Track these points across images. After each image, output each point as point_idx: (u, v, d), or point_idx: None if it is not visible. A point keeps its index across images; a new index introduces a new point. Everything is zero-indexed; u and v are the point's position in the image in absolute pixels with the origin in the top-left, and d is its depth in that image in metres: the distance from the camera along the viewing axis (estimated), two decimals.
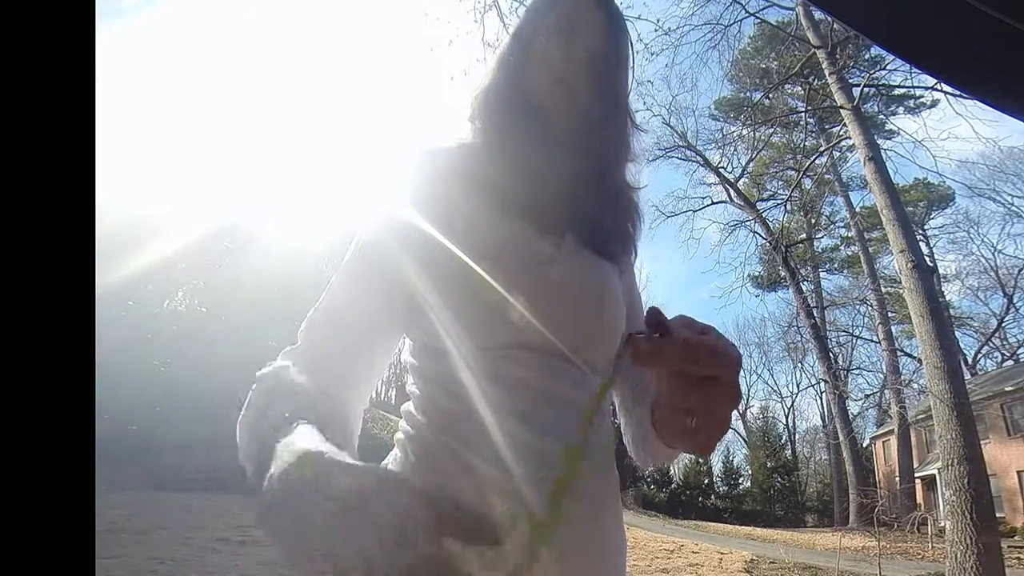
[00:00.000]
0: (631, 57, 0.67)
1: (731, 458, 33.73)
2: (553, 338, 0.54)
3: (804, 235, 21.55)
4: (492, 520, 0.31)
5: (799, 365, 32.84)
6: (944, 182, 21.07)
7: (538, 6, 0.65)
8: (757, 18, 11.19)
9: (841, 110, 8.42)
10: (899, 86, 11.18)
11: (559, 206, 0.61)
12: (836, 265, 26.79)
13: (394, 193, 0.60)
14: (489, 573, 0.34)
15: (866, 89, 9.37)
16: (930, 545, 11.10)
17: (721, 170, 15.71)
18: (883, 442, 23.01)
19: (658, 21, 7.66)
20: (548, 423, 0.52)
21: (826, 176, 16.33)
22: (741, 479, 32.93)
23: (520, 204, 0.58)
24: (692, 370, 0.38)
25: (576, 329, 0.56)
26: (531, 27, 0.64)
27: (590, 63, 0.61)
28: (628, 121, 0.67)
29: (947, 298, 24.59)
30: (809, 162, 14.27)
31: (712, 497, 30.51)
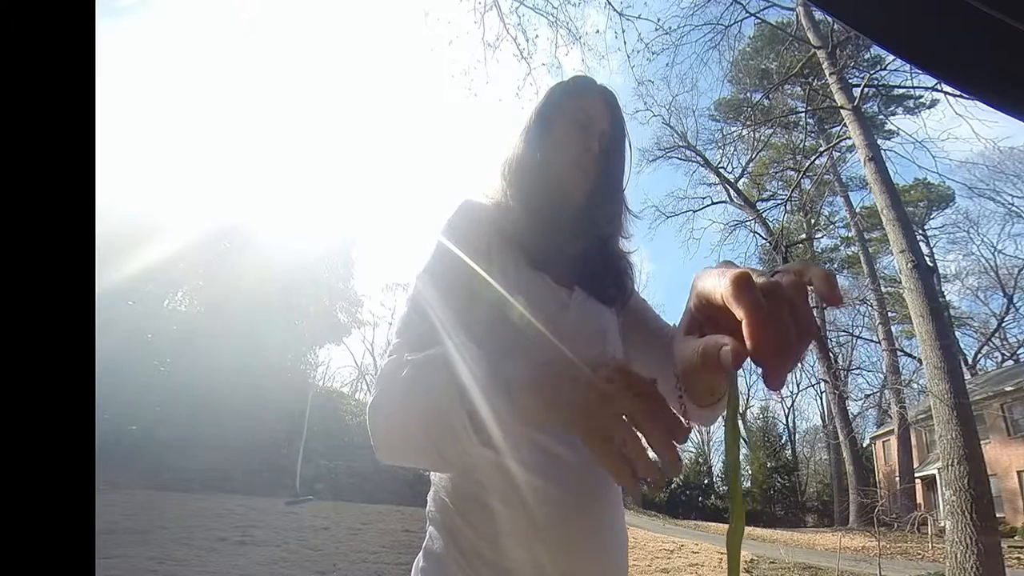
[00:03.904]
0: (628, 150, 0.82)
1: None
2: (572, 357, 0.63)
3: (804, 235, 21.57)
4: None
5: (799, 365, 32.75)
6: (944, 182, 21.04)
7: (558, 97, 0.79)
8: (757, 18, 11.19)
9: (841, 110, 8.41)
10: (899, 86, 11.18)
11: (570, 263, 0.74)
12: (836, 265, 26.74)
13: (440, 236, 0.70)
14: None
15: (866, 89, 9.37)
16: (930, 545, 11.10)
17: (721, 170, 15.73)
18: (883, 442, 23.00)
19: (658, 21, 7.65)
20: (560, 434, 0.61)
21: (826, 176, 16.33)
22: (741, 479, 32.81)
23: (541, 259, 0.71)
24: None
25: (584, 361, 0.64)
26: (552, 114, 0.78)
27: (600, 153, 0.77)
28: (624, 203, 0.82)
29: (947, 298, 24.55)
30: (809, 162, 14.26)
31: (712, 497, 30.48)
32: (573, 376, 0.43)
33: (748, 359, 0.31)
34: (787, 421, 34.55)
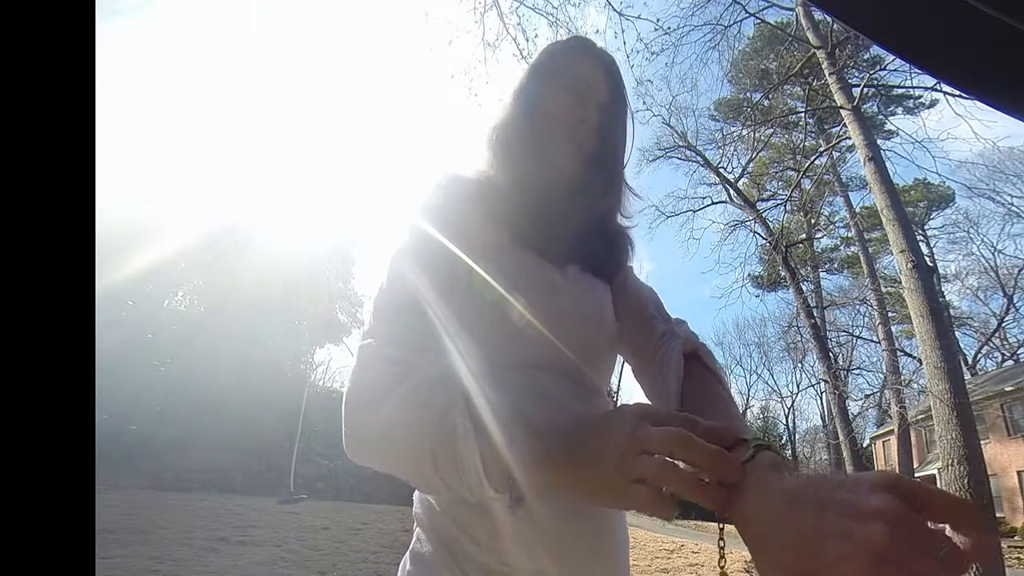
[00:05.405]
0: (630, 122, 0.75)
1: None
2: (567, 353, 0.61)
3: (804, 235, 21.54)
4: None
5: (799, 365, 32.81)
6: (944, 182, 21.04)
7: (556, 61, 0.72)
8: (757, 18, 11.19)
9: (841, 110, 8.41)
10: (899, 86, 11.18)
11: (564, 241, 0.69)
12: (836, 265, 26.72)
13: (420, 214, 0.64)
14: None
15: (866, 89, 9.36)
16: None
17: (721, 170, 15.71)
18: (883, 442, 23.02)
19: (658, 21, 7.64)
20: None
21: (826, 176, 16.32)
22: None
23: (531, 237, 0.66)
24: None
25: (580, 348, 0.63)
26: (548, 78, 0.71)
27: (598, 126, 0.70)
28: (623, 181, 0.76)
29: (947, 298, 24.56)
30: (809, 162, 14.26)
31: None
32: (595, 446, 0.42)
33: None
34: (787, 421, 34.54)
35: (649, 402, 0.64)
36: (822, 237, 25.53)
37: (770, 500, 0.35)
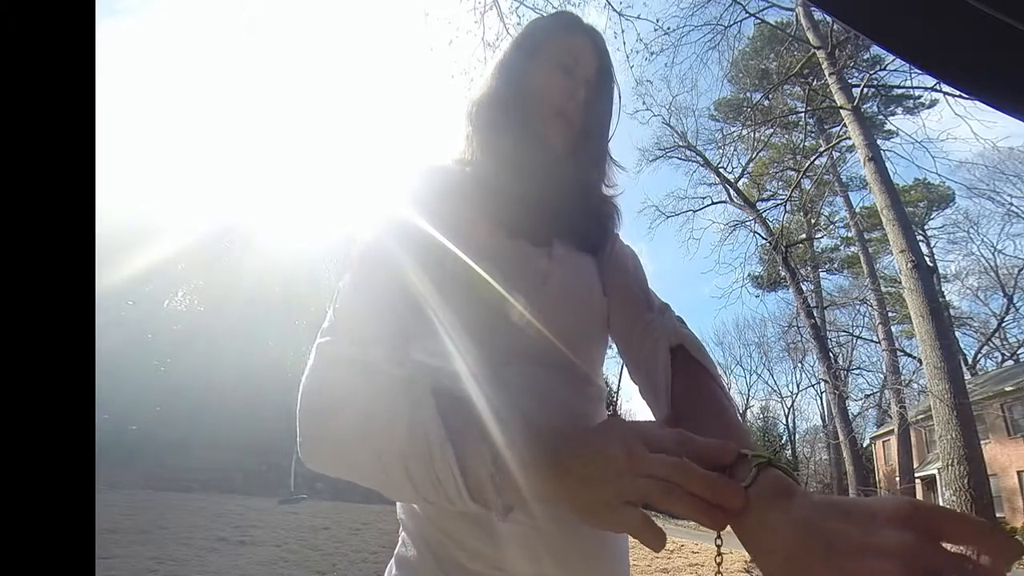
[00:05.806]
0: (616, 93, 0.73)
1: None
2: (558, 343, 0.59)
3: (804, 235, 21.55)
4: None
5: (799, 365, 32.75)
6: (944, 182, 21.03)
7: (542, 34, 0.70)
8: (757, 19, 11.21)
9: (841, 110, 8.42)
10: (899, 86, 11.19)
11: (548, 219, 0.66)
12: (836, 265, 26.72)
13: (398, 208, 0.61)
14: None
15: (866, 89, 9.36)
16: None
17: (721, 170, 15.71)
18: (883, 442, 23.03)
19: (657, 21, 7.65)
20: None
21: (826, 176, 16.32)
22: None
23: (517, 223, 0.63)
24: None
25: (573, 335, 0.61)
26: (534, 50, 0.69)
27: (586, 101, 0.68)
28: (608, 154, 0.74)
29: (947, 298, 24.54)
30: (809, 162, 14.27)
31: None
32: (594, 455, 0.40)
33: None
34: (787, 421, 34.52)
35: (641, 386, 0.62)
36: (822, 237, 25.55)
37: (776, 531, 0.33)
